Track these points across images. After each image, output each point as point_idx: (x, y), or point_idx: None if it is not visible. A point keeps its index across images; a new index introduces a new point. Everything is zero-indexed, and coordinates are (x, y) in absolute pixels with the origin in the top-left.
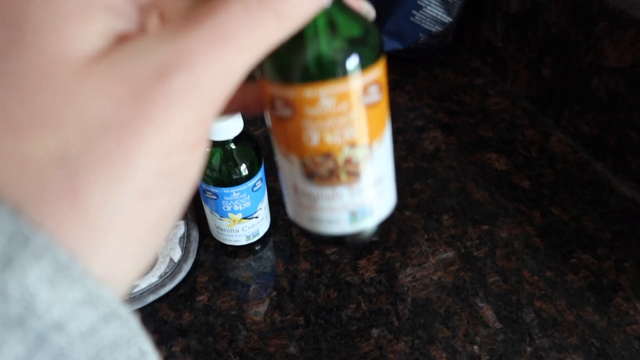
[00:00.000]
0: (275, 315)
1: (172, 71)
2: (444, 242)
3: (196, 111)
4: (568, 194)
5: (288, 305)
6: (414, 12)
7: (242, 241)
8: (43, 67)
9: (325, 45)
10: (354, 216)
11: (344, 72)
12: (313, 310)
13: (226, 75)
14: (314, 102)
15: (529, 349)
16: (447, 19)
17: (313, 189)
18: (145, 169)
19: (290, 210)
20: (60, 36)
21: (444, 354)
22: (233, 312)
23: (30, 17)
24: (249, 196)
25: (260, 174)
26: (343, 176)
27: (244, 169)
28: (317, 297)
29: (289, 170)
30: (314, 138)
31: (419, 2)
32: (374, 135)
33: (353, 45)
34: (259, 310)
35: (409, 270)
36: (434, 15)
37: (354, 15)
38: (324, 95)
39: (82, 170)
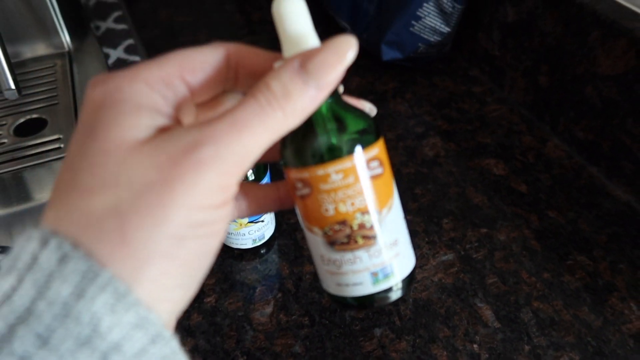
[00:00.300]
0: (281, 315)
1: (200, 146)
2: (444, 245)
3: (219, 178)
4: (564, 197)
5: (293, 306)
6: (413, 22)
7: (248, 245)
8: (108, 149)
9: (331, 135)
10: (375, 277)
11: (347, 153)
12: (317, 310)
13: (243, 153)
14: (325, 178)
15: (527, 348)
16: (445, 29)
17: (336, 255)
18: (178, 219)
19: (322, 281)
20: (120, 129)
21: (445, 353)
22: (240, 313)
23: (101, 117)
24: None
25: (266, 179)
26: (360, 240)
27: (250, 174)
28: (321, 298)
29: (314, 242)
30: (330, 209)
31: (418, 13)
32: (382, 202)
33: (353, 133)
34: (265, 311)
35: None
36: (433, 25)
37: (353, 110)
38: (333, 172)
39: (129, 217)
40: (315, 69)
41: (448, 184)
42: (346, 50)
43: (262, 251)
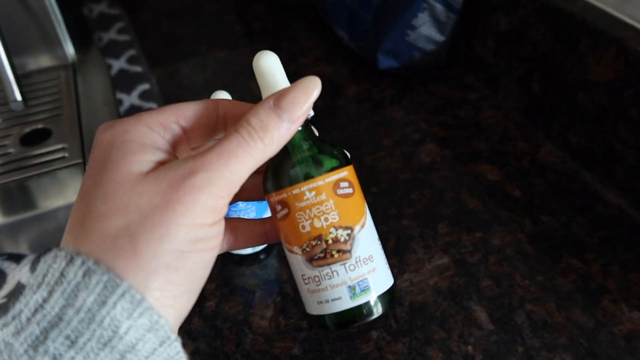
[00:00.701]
0: (280, 319)
1: (194, 173)
2: (440, 249)
3: (211, 199)
4: (557, 202)
5: (292, 310)
6: (408, 32)
7: (247, 250)
8: (118, 180)
9: (304, 160)
10: (352, 291)
11: (319, 174)
12: None
13: (231, 178)
14: (300, 196)
15: (520, 349)
16: (440, 38)
17: (315, 272)
18: (179, 235)
19: (305, 304)
20: (127, 164)
21: (440, 355)
22: (240, 317)
23: (111, 155)
24: (254, 207)
25: None
26: (335, 254)
27: None
28: None
29: (296, 263)
30: (306, 225)
31: (413, 23)
32: (354, 220)
33: (323, 157)
34: (264, 315)
35: (406, 276)
36: (428, 34)
37: (322, 141)
38: (306, 189)
39: (139, 235)
40: (287, 105)
41: (444, 189)
42: (313, 89)
43: (261, 257)
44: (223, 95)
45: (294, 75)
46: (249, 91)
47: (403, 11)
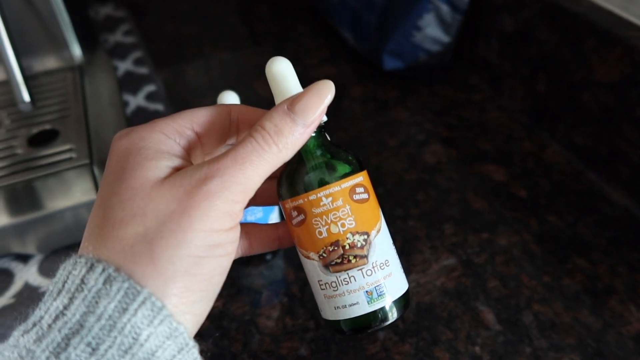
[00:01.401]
0: (287, 319)
1: (210, 179)
2: (446, 250)
3: (226, 205)
4: (563, 202)
5: (299, 310)
6: (414, 32)
7: None
8: (135, 187)
9: (319, 165)
10: (369, 296)
11: (335, 179)
12: None
13: (246, 183)
14: (317, 202)
15: (527, 350)
16: (445, 38)
17: (332, 277)
18: (196, 241)
19: (321, 310)
20: (144, 170)
21: (447, 355)
22: (247, 317)
23: (129, 161)
24: (261, 207)
25: None
26: (352, 259)
27: None
28: None
29: (312, 268)
30: (323, 231)
31: (418, 23)
32: (370, 225)
33: (338, 163)
34: (271, 315)
35: (413, 277)
36: (433, 35)
37: (336, 145)
38: (323, 195)
39: (156, 241)
40: (301, 109)
41: (449, 190)
42: (326, 93)
43: (267, 257)
44: (231, 95)
45: (299, 77)
46: (253, 92)
47: (408, 12)
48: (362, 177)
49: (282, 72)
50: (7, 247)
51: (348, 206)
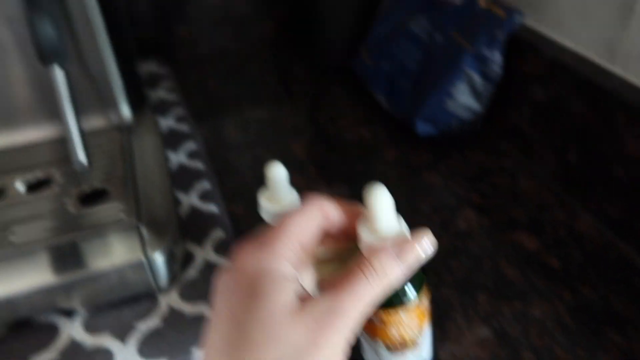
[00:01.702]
0: None
1: (335, 316)
2: (480, 319)
3: (344, 337)
4: (595, 273)
5: None
6: (447, 100)
7: None
8: (272, 311)
9: (403, 291)
10: None
11: (412, 300)
12: None
13: (358, 317)
14: (395, 316)
15: None
16: (477, 107)
17: (391, 356)
18: None
19: None
20: (278, 295)
21: None
22: None
23: (263, 285)
24: None
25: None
26: (410, 346)
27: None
28: None
29: (374, 346)
30: (395, 334)
31: (451, 92)
32: (426, 322)
33: (417, 288)
34: None
35: (447, 346)
36: (466, 103)
37: (416, 271)
38: (402, 312)
39: None
40: (407, 259)
41: (481, 257)
42: (430, 248)
43: None
44: (278, 168)
45: (333, 138)
46: (288, 150)
47: (442, 79)
48: (426, 290)
49: (383, 202)
50: (54, 302)
51: (416, 316)
